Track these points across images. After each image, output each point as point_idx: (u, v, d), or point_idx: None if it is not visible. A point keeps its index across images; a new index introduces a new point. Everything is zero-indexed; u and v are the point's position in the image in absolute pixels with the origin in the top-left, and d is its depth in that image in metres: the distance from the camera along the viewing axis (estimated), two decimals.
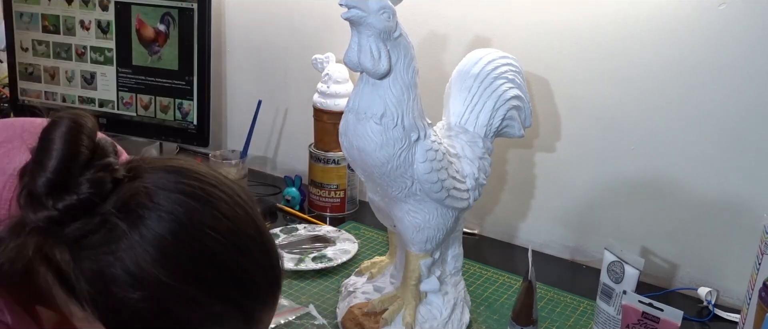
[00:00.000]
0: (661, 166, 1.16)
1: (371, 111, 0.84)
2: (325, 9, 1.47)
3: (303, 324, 1.00)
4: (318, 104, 1.38)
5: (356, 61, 0.83)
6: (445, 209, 0.92)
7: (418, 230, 0.92)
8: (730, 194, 1.11)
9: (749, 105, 1.06)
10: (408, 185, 0.88)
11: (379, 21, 0.81)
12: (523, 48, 1.22)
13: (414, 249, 0.94)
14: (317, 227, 1.33)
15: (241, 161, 1.47)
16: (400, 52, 0.84)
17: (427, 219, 0.92)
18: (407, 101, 0.85)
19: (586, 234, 1.27)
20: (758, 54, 1.04)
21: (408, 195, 0.90)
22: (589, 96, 1.20)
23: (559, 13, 1.18)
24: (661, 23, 1.10)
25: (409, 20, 1.36)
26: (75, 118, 0.53)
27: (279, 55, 1.59)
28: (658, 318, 0.83)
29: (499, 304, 1.09)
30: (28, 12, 1.61)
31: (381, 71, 0.82)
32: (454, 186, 0.91)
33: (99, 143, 0.54)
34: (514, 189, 1.33)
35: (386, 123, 0.84)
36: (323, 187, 1.41)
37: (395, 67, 0.83)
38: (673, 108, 1.13)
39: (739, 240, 1.11)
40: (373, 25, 0.81)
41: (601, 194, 1.23)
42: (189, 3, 1.49)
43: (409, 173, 0.87)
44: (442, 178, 0.88)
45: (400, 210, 0.93)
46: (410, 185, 0.88)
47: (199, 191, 0.54)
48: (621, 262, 0.94)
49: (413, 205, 0.91)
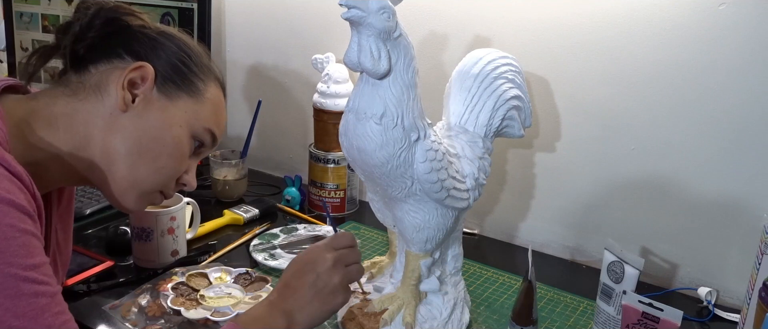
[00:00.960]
0: (661, 166, 1.16)
1: (371, 111, 0.84)
2: (325, 9, 1.47)
3: None
4: (318, 104, 1.38)
5: (356, 61, 0.83)
6: (445, 209, 0.92)
7: (418, 230, 0.92)
8: (730, 194, 1.11)
9: (749, 105, 1.06)
10: (408, 185, 0.88)
11: (379, 21, 0.81)
12: (523, 48, 1.22)
13: (414, 249, 0.94)
14: (317, 227, 1.33)
15: (241, 161, 1.47)
16: (400, 52, 0.84)
17: (427, 219, 0.92)
18: (407, 100, 0.85)
19: (586, 234, 1.27)
20: (758, 54, 1.04)
21: (408, 195, 0.90)
22: (589, 96, 1.20)
23: (559, 13, 1.18)
24: (661, 23, 1.10)
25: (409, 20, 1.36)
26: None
27: (279, 55, 1.59)
28: (658, 318, 0.83)
29: (499, 304, 1.09)
30: (28, 12, 1.61)
31: (381, 71, 0.82)
32: (454, 186, 0.91)
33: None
34: (514, 189, 1.33)
35: (386, 123, 0.84)
36: (323, 187, 1.41)
37: (395, 67, 0.83)
38: (673, 108, 1.13)
39: (739, 240, 1.11)
40: (373, 25, 0.81)
41: (601, 194, 1.23)
42: (189, 3, 1.49)
43: (409, 173, 0.87)
44: (442, 178, 0.88)
45: (401, 210, 0.93)
46: (410, 185, 0.88)
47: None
48: (621, 262, 0.94)
49: (413, 205, 0.91)
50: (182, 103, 0.80)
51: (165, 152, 0.79)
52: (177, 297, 1.03)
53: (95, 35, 0.77)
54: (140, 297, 1.03)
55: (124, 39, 0.79)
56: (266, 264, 1.16)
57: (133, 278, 1.10)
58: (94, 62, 0.78)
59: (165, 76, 0.79)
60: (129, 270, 1.14)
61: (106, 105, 0.76)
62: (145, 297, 1.03)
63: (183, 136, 0.81)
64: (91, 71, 0.77)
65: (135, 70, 0.77)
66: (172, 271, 1.11)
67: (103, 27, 0.77)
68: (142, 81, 0.77)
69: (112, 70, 0.77)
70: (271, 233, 1.29)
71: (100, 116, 0.76)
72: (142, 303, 1.02)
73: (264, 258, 1.18)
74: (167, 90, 0.79)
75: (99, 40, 0.78)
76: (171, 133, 0.79)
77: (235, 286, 1.08)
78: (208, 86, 0.83)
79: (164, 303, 1.01)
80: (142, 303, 1.02)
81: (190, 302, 1.03)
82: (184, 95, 0.80)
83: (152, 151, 0.79)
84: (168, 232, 1.14)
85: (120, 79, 0.76)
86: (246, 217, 1.36)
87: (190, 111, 0.81)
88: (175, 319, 0.98)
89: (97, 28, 0.77)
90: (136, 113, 0.77)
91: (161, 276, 1.10)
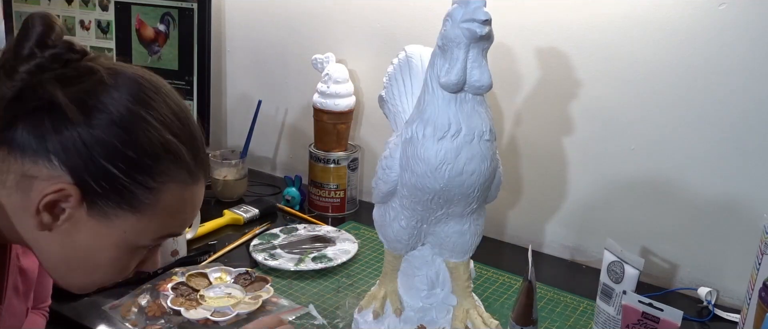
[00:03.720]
0: (661, 166, 1.16)
1: (479, 129, 0.80)
2: (325, 9, 1.47)
3: (303, 324, 1.00)
4: (318, 104, 1.38)
5: (490, 83, 0.78)
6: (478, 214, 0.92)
7: (464, 235, 0.91)
8: (730, 194, 1.11)
9: (749, 105, 1.06)
10: (478, 195, 0.85)
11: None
12: (523, 48, 1.22)
13: (464, 258, 0.93)
14: (317, 227, 1.33)
15: (241, 161, 1.47)
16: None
17: (469, 226, 0.91)
18: (486, 109, 0.82)
19: (586, 234, 1.27)
20: (758, 54, 1.04)
21: (473, 205, 0.87)
22: (589, 96, 1.20)
23: (559, 13, 1.18)
24: (661, 24, 1.10)
25: (409, 21, 1.37)
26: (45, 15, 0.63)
27: (279, 55, 1.59)
28: (658, 318, 0.83)
29: (499, 304, 1.09)
30: (28, 12, 1.61)
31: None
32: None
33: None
34: (515, 189, 1.33)
35: (491, 138, 0.81)
36: (323, 187, 1.41)
37: None
38: (673, 108, 1.13)
39: (739, 240, 1.11)
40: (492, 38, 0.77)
41: (601, 194, 1.23)
42: (189, 3, 1.49)
43: (490, 181, 0.85)
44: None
45: (455, 225, 0.90)
46: (479, 194, 0.85)
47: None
48: (621, 262, 0.94)
49: (468, 214, 0.89)
50: (121, 221, 0.64)
51: (101, 270, 0.68)
52: (177, 297, 1.03)
53: (28, 100, 0.60)
54: (140, 297, 1.03)
55: (55, 123, 0.60)
56: (266, 264, 1.16)
57: (132, 278, 1.10)
58: (20, 148, 0.61)
59: (97, 193, 0.62)
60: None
61: (30, 210, 0.62)
62: (145, 297, 1.03)
63: (122, 255, 0.67)
64: (16, 158, 0.61)
65: (55, 193, 0.61)
66: (172, 271, 1.11)
67: (40, 87, 0.60)
68: (66, 200, 0.62)
69: (37, 172, 0.61)
70: (271, 233, 1.29)
71: (27, 217, 0.63)
72: (142, 303, 1.02)
73: (264, 258, 1.18)
74: (99, 209, 0.63)
75: (28, 114, 0.61)
76: (105, 255, 0.66)
77: (235, 286, 1.08)
78: (161, 193, 0.65)
79: (164, 303, 1.01)
80: (142, 303, 1.02)
81: (190, 302, 1.03)
82: (123, 212, 0.64)
83: (85, 268, 0.67)
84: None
85: (39, 196, 0.61)
86: (246, 217, 1.36)
87: (130, 230, 0.65)
88: (175, 319, 0.98)
89: (35, 86, 0.60)
90: (63, 232, 0.64)
91: (161, 276, 1.10)
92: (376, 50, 1.42)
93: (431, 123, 0.80)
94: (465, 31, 0.75)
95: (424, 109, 0.81)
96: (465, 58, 0.77)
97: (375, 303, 0.97)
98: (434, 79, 0.80)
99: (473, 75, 0.78)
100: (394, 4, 1.35)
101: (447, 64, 0.78)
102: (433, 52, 0.82)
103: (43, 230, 0.63)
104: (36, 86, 0.60)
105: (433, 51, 0.82)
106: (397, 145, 0.86)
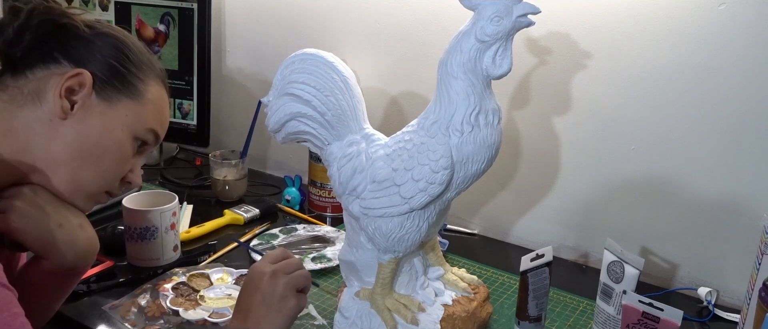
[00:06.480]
0: (661, 166, 1.16)
1: (500, 111, 0.90)
2: (325, 9, 1.47)
3: (303, 324, 1.00)
4: None
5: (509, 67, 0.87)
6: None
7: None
8: (730, 194, 1.11)
9: (749, 105, 1.06)
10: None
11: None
12: (523, 48, 1.22)
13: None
14: (317, 228, 1.33)
15: (241, 161, 1.47)
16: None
17: None
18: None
19: (586, 234, 1.27)
20: (758, 54, 1.03)
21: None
22: (589, 96, 1.20)
23: (558, 13, 1.18)
24: (661, 24, 1.10)
25: (409, 21, 1.37)
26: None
27: (279, 55, 1.58)
28: (658, 318, 0.83)
29: (499, 304, 1.09)
30: None
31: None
32: None
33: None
34: (514, 189, 1.33)
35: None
36: (323, 187, 1.41)
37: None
38: (673, 108, 1.13)
39: (739, 240, 1.11)
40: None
41: (601, 194, 1.23)
42: (189, 3, 1.49)
43: None
44: None
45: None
46: None
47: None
48: (621, 262, 0.94)
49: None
50: (122, 106, 0.80)
51: (107, 156, 0.80)
52: (176, 298, 1.03)
53: (30, 38, 0.76)
54: (140, 297, 1.03)
55: (59, 42, 0.78)
56: None
57: (132, 278, 1.10)
58: (31, 67, 0.77)
59: (103, 81, 0.79)
60: (129, 269, 1.14)
61: (44, 111, 0.76)
62: (144, 297, 1.03)
63: (125, 139, 0.81)
64: (28, 77, 0.77)
65: (72, 78, 0.76)
66: (173, 271, 1.11)
67: (37, 29, 0.77)
68: (80, 87, 0.77)
69: (49, 77, 0.77)
70: (271, 234, 1.29)
71: (39, 122, 0.76)
72: (142, 303, 1.02)
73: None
74: (106, 94, 0.79)
75: (34, 44, 0.77)
76: (112, 137, 0.80)
77: (235, 287, 1.08)
78: (148, 86, 0.83)
79: (163, 304, 1.01)
80: (141, 303, 1.02)
81: (189, 302, 1.03)
82: (124, 98, 0.81)
83: (94, 155, 0.79)
84: (171, 228, 1.15)
85: (57, 86, 0.76)
86: (246, 217, 1.36)
87: (131, 114, 0.81)
88: (174, 319, 0.99)
89: (31, 30, 0.76)
90: (76, 120, 0.77)
91: (161, 276, 1.10)
92: (376, 50, 1.42)
93: (484, 111, 0.88)
94: (522, 22, 0.85)
95: (477, 102, 0.87)
96: (510, 50, 0.87)
97: (383, 314, 0.95)
98: (478, 73, 0.86)
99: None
100: (394, 4, 1.35)
101: (498, 57, 0.86)
102: (469, 49, 0.85)
103: (62, 119, 0.76)
104: (44, 12, 0.77)
105: (468, 48, 0.85)
106: (442, 155, 0.86)
